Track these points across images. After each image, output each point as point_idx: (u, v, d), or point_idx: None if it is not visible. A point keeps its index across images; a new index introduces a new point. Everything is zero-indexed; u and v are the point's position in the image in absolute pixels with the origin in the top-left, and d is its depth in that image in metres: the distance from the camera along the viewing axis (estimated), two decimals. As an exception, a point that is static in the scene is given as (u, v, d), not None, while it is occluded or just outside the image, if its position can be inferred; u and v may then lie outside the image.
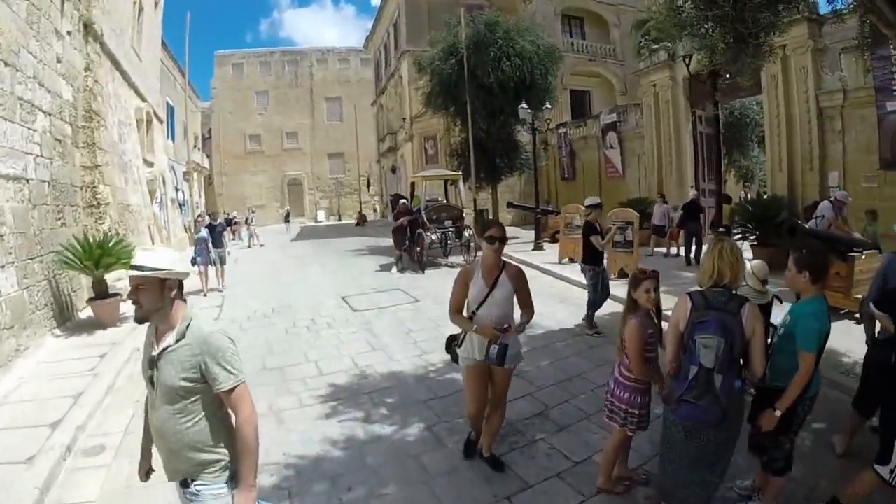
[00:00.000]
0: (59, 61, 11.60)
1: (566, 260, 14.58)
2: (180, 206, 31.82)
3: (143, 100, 20.94)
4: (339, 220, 49.12)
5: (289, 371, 7.30)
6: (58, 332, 9.52)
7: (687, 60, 9.27)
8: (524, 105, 17.99)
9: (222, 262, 14.21)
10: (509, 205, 21.97)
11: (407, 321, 9.65)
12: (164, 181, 22.78)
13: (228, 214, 33.87)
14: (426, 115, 27.79)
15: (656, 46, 18.66)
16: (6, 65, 8.81)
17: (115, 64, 16.80)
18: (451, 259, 16.90)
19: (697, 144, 18.23)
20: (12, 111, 8.99)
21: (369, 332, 8.99)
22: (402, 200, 17.90)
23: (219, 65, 53.16)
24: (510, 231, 23.21)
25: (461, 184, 18.57)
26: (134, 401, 6.32)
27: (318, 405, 6.08)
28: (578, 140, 25.50)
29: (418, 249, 15.65)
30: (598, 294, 8.42)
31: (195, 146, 40.40)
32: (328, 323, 9.81)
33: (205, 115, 50.52)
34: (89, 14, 13.93)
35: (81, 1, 13.56)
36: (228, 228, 27.35)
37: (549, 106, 18.97)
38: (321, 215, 51.77)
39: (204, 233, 13.67)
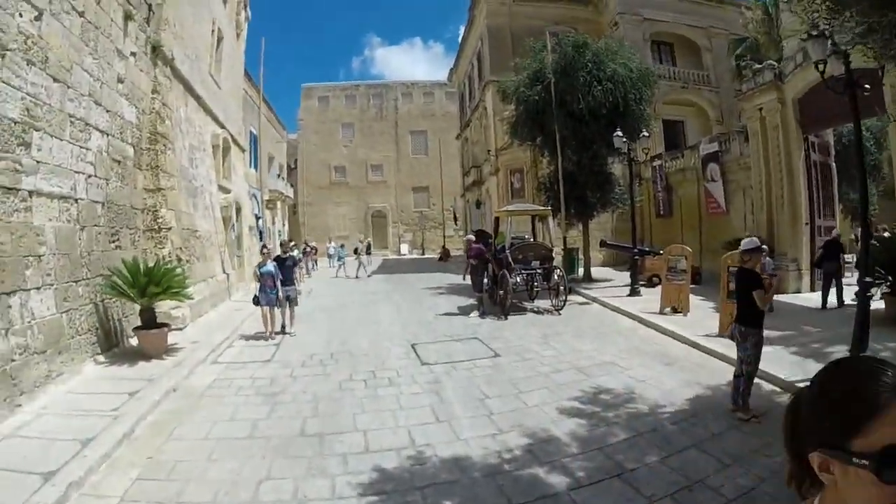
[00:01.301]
0: (120, 81, 11.21)
1: (668, 309, 12.68)
2: (260, 233, 31.79)
3: (222, 126, 20.65)
4: (423, 253, 48.64)
5: (330, 441, 5.91)
6: (102, 358, 9.06)
7: (838, 59, 7.50)
8: (619, 133, 16.31)
9: (292, 302, 12.07)
10: (602, 244, 20.21)
11: (482, 382, 8.03)
12: (238, 209, 22.37)
13: (307, 244, 33.50)
14: (512, 147, 26.59)
15: (760, 66, 16.54)
16: (55, 80, 8.34)
17: (189, 89, 16.59)
18: (538, 303, 15.21)
19: (811, 176, 15.97)
20: (60, 128, 8.53)
21: (436, 395, 7.46)
22: (469, 236, 16.59)
23: (305, 97, 54.07)
24: (601, 272, 21.79)
25: (550, 220, 16.81)
26: (146, 457, 5.52)
27: (354, 499, 4.65)
28: (675, 173, 23.35)
29: (501, 292, 14.05)
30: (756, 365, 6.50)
31: (279, 175, 40.78)
32: (390, 378, 8.40)
33: (291, 145, 51.38)
34: (158, 37, 13.57)
35: (150, 23, 13.19)
36: (305, 256, 26.76)
37: (646, 133, 17.13)
38: (404, 248, 51.35)
39: (270, 267, 11.59)
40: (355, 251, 28.08)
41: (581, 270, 20.37)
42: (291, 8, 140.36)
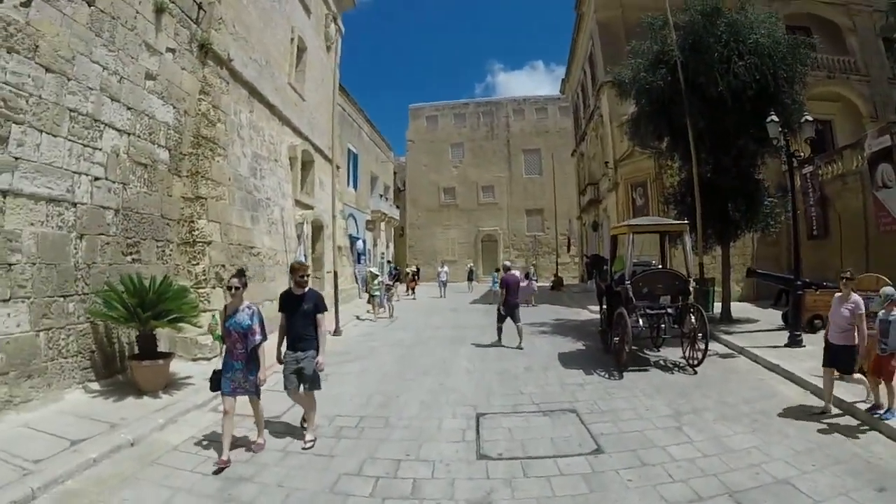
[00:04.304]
0: (151, 78, 10.50)
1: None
2: (359, 256, 30.37)
3: (305, 139, 19.34)
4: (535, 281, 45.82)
5: None
6: (96, 386, 8.19)
7: None
8: (773, 117, 11.93)
9: (312, 382, 6.44)
10: (750, 273, 15.84)
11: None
12: (320, 226, 20.63)
13: (397, 267, 31.72)
14: (633, 157, 23.19)
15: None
16: (48, 71, 7.78)
17: (256, 94, 15.57)
18: (665, 352, 11.50)
19: None
20: (55, 123, 7.90)
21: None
22: (506, 262, 14.31)
23: (413, 117, 52.86)
24: (740, 309, 16.32)
25: (687, 238, 11.95)
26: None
27: None
28: (832, 181, 18.56)
29: (616, 339, 10.37)
30: None
31: (383, 196, 39.67)
32: (415, 481, 5.33)
33: (399, 167, 50.77)
34: (207, 35, 12.75)
35: (199, 22, 12.50)
36: (393, 282, 24.18)
37: (809, 118, 12.22)
38: (517, 274, 48.48)
39: (245, 316, 6.00)
40: (527, 275, 24.43)
41: (719, 307, 15.57)
42: (413, 34, 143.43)
